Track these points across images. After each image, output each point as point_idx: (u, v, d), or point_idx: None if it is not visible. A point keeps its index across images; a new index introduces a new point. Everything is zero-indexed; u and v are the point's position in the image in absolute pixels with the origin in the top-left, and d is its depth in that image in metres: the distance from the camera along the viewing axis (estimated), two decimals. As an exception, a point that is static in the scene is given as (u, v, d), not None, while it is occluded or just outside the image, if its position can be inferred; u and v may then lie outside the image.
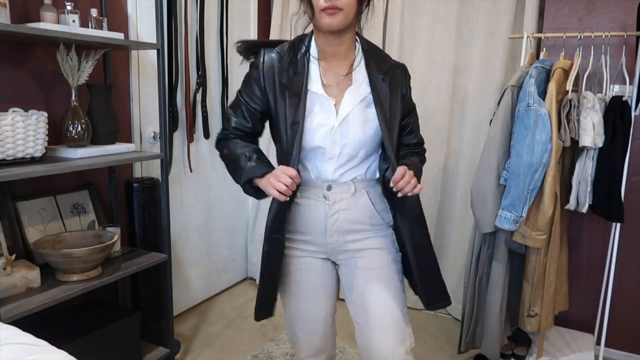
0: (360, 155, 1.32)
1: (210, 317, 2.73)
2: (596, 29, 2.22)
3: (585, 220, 2.39)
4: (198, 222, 2.78)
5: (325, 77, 1.31)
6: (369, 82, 1.30)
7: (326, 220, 1.34)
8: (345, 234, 1.36)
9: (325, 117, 1.28)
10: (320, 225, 1.35)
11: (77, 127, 1.78)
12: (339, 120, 1.28)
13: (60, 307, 1.84)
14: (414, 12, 2.70)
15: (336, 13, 1.19)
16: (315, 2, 1.21)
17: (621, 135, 1.95)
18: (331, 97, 1.29)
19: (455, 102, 2.68)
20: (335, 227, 1.35)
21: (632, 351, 2.38)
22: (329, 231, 1.35)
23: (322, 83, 1.30)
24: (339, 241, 1.36)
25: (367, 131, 1.29)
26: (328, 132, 1.28)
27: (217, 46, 2.74)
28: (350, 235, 1.36)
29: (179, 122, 2.52)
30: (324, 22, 1.21)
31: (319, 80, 1.30)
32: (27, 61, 1.83)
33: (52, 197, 1.91)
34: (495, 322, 2.08)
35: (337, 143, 1.29)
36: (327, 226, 1.35)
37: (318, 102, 1.29)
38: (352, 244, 1.37)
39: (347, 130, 1.28)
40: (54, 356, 0.97)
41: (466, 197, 2.50)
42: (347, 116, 1.28)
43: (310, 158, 1.32)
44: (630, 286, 2.33)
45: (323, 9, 1.19)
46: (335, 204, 1.33)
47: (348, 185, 1.33)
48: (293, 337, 1.47)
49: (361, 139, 1.29)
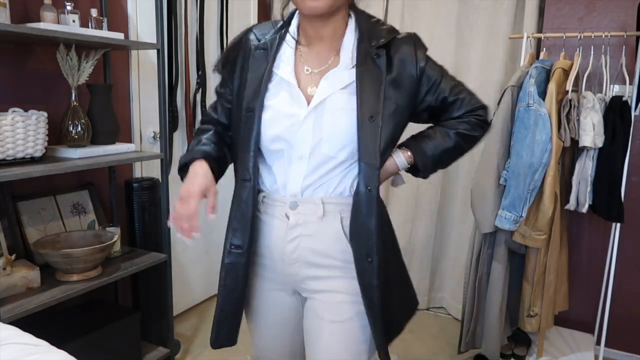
0: (340, 158, 1.03)
1: (210, 317, 2.71)
2: (596, 29, 2.22)
3: (585, 220, 2.39)
4: (198, 222, 2.77)
5: (307, 62, 1.06)
6: (358, 62, 1.03)
7: (284, 245, 1.08)
8: (306, 267, 1.08)
9: (293, 105, 1.03)
10: (277, 251, 1.09)
11: (77, 127, 1.78)
12: (309, 108, 1.02)
13: (60, 307, 1.84)
14: (414, 12, 2.70)
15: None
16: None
17: (621, 135, 1.95)
18: (308, 85, 1.05)
19: (455, 102, 2.67)
20: (295, 256, 1.07)
21: (632, 351, 2.38)
22: (288, 259, 1.08)
23: (295, 70, 1.05)
24: (300, 274, 1.09)
25: (350, 125, 1.01)
26: (296, 123, 1.02)
27: (217, 46, 2.74)
28: (312, 269, 1.08)
29: (179, 122, 2.52)
30: (307, 6, 0.96)
31: (291, 64, 1.06)
32: (27, 61, 1.83)
33: (52, 197, 1.91)
34: (495, 322, 2.08)
35: (308, 138, 1.02)
36: (284, 253, 1.08)
37: (286, 89, 1.05)
38: (314, 281, 1.09)
39: (322, 123, 1.01)
40: (54, 356, 0.97)
41: (466, 197, 2.50)
42: (323, 105, 1.02)
43: (274, 158, 1.07)
44: (630, 286, 2.33)
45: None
46: (297, 227, 1.06)
47: (316, 205, 1.05)
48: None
49: (341, 135, 1.01)
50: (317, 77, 1.05)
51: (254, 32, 1.10)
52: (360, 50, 1.03)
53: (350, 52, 1.04)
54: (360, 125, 1.00)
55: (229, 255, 1.09)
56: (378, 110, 1.01)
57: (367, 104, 1.00)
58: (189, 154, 1.09)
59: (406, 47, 1.06)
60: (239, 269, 1.09)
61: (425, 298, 2.87)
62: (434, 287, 2.90)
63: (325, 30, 1.04)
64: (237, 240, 1.08)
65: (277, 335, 1.20)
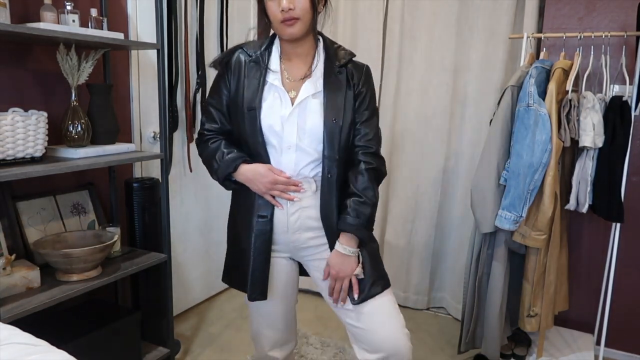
0: (318, 149, 1.33)
1: (210, 317, 2.73)
2: (596, 29, 2.22)
3: (585, 220, 2.39)
4: (198, 222, 2.78)
5: (289, 73, 1.35)
6: (324, 75, 1.33)
7: (288, 218, 1.37)
8: (307, 231, 1.38)
9: (282, 105, 1.32)
10: (282, 224, 1.38)
11: (77, 127, 1.78)
12: (293, 107, 1.30)
13: (60, 307, 1.84)
14: (414, 12, 2.70)
15: (294, 23, 1.25)
16: (272, 15, 1.26)
17: (621, 135, 1.95)
18: (290, 90, 1.33)
19: (455, 102, 2.67)
20: (297, 225, 1.38)
21: (632, 351, 2.38)
22: (291, 229, 1.38)
23: (281, 78, 1.34)
24: (301, 238, 1.39)
25: (320, 125, 1.31)
26: (284, 117, 1.30)
27: (217, 46, 2.74)
28: (309, 232, 1.39)
29: (179, 122, 2.52)
30: (286, 33, 1.27)
31: (278, 75, 1.34)
32: (27, 61, 1.83)
33: (52, 197, 1.91)
34: (495, 322, 2.09)
35: (294, 130, 1.31)
36: (289, 224, 1.37)
37: (276, 93, 1.33)
38: (314, 240, 1.39)
39: (305, 120, 1.31)
40: (53, 356, 0.97)
41: (466, 197, 2.50)
42: (305, 105, 1.31)
43: (270, 147, 1.34)
44: (630, 286, 2.33)
45: (282, 20, 1.25)
46: (296, 203, 1.36)
47: (309, 182, 1.35)
48: (258, 333, 1.54)
49: (317, 132, 1.31)
50: (296, 84, 1.34)
51: (244, 50, 1.38)
52: (326, 66, 1.35)
53: (320, 67, 1.35)
54: (326, 125, 1.30)
55: (257, 224, 1.37)
56: (337, 114, 1.31)
57: (330, 109, 1.31)
58: (225, 166, 1.36)
59: (357, 72, 1.36)
60: (266, 234, 1.37)
61: (425, 298, 2.87)
62: (434, 287, 2.90)
63: (301, 49, 1.35)
64: (263, 212, 1.37)
65: (276, 302, 1.47)
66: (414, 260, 2.84)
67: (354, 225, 1.32)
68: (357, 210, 1.32)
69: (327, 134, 1.30)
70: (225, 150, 1.37)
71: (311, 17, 1.27)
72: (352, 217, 1.32)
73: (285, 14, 1.23)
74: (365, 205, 1.33)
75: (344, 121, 1.31)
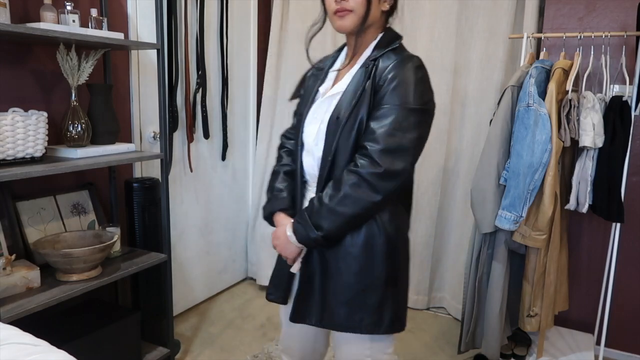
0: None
1: (210, 317, 2.73)
2: (596, 29, 2.22)
3: (585, 220, 2.39)
4: (198, 222, 2.78)
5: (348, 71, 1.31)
6: (356, 70, 1.26)
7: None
8: None
9: (320, 113, 1.30)
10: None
11: (77, 127, 1.78)
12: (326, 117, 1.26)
13: (60, 307, 1.84)
14: (414, 12, 2.70)
15: (346, 15, 1.20)
16: (327, 5, 1.23)
17: (621, 135, 1.95)
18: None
19: (455, 102, 2.68)
20: None
21: (632, 351, 2.38)
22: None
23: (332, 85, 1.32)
24: None
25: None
26: (318, 129, 1.28)
27: (217, 46, 2.74)
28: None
29: (179, 122, 2.52)
30: (336, 25, 1.23)
31: (331, 83, 1.33)
32: (27, 61, 1.83)
33: (52, 197, 1.91)
34: (495, 322, 2.08)
35: (310, 130, 1.30)
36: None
37: (322, 102, 1.31)
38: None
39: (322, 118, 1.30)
40: (54, 356, 0.97)
41: (466, 197, 2.50)
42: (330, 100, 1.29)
43: (306, 152, 1.33)
44: (630, 286, 2.33)
45: (334, 12, 1.21)
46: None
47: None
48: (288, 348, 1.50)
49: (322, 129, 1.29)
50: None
51: (314, 66, 1.40)
52: (364, 61, 1.24)
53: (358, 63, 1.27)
54: (327, 124, 1.24)
55: None
56: (346, 110, 1.20)
57: (339, 105, 1.23)
58: (269, 204, 1.38)
59: (385, 63, 1.20)
60: None
61: (425, 298, 2.87)
62: (434, 287, 2.90)
63: (355, 42, 1.26)
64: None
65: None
66: (414, 260, 2.84)
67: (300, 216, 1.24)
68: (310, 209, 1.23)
69: (326, 132, 1.24)
70: (277, 185, 1.38)
71: (365, 11, 1.19)
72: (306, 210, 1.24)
73: (338, 4, 1.19)
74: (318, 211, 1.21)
75: (348, 117, 1.19)
